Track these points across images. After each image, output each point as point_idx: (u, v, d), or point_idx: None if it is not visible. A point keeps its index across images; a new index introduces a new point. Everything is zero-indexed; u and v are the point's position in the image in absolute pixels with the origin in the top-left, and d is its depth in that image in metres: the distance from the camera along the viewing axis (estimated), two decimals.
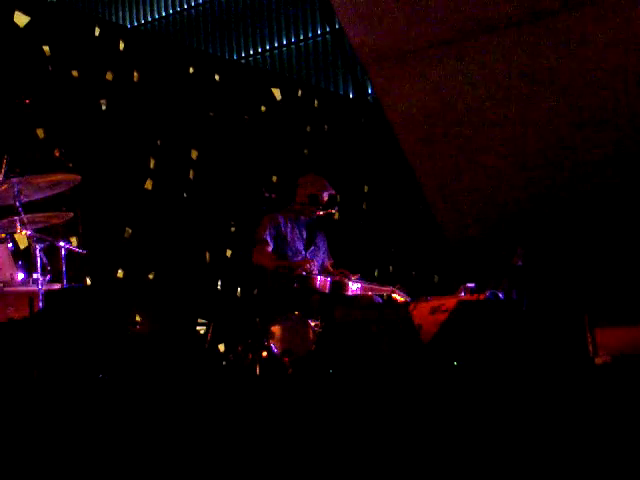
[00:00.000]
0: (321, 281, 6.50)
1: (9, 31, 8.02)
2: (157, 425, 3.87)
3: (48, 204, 6.24)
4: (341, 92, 25.89)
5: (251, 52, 31.05)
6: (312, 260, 6.66)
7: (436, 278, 12.60)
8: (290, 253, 6.81)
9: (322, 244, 7.11)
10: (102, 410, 4.07)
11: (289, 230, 6.86)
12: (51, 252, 6.03)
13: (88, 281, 8.07)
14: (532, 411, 3.74)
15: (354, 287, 6.66)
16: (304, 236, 6.96)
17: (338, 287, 6.58)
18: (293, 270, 6.50)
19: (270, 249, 6.75)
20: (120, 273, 8.69)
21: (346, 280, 6.65)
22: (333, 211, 7.06)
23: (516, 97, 5.69)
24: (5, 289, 5.86)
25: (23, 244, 7.00)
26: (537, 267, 6.16)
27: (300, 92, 11.83)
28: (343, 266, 7.09)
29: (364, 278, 6.96)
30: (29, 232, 5.77)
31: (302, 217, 6.99)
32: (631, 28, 5.25)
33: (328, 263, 7.12)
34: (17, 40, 8.05)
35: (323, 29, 28.67)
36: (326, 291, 6.49)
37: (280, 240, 6.81)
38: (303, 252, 6.89)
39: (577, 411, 3.70)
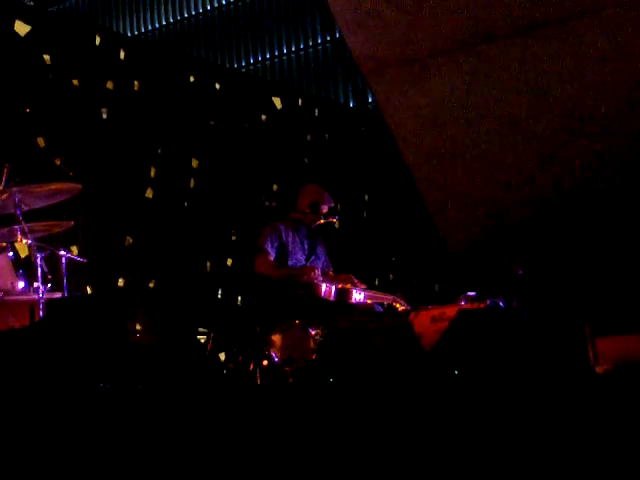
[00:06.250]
0: (327, 289, 6.50)
1: (10, 40, 8.04)
2: (158, 434, 3.87)
3: (49, 213, 6.24)
4: (341, 101, 25.94)
5: (252, 61, 31.10)
6: (316, 268, 6.67)
7: (437, 287, 12.61)
8: (291, 262, 6.82)
9: (322, 253, 7.12)
10: (102, 419, 4.06)
11: (290, 239, 6.87)
12: (52, 261, 6.04)
13: (89, 290, 8.08)
14: (533, 420, 3.73)
15: (358, 296, 6.67)
16: (305, 246, 6.97)
17: (343, 295, 6.59)
18: (298, 277, 6.51)
19: (272, 258, 6.75)
20: (121, 282, 8.69)
21: (351, 288, 6.66)
22: (334, 220, 7.08)
23: (517, 106, 5.69)
24: (6, 298, 5.86)
25: (24, 253, 7.01)
26: (538, 276, 6.16)
27: (300, 101, 11.84)
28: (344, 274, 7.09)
29: (369, 288, 6.97)
30: (30, 241, 5.77)
31: (303, 226, 6.99)
32: (630, 38, 5.25)
33: (328, 271, 7.12)
34: (18, 49, 8.07)
35: (323, 38, 28.73)
36: (331, 299, 6.50)
37: (281, 249, 6.81)
38: (303, 262, 6.89)
39: (578, 420, 3.70)
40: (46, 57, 8.31)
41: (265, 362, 5.95)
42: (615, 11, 5.22)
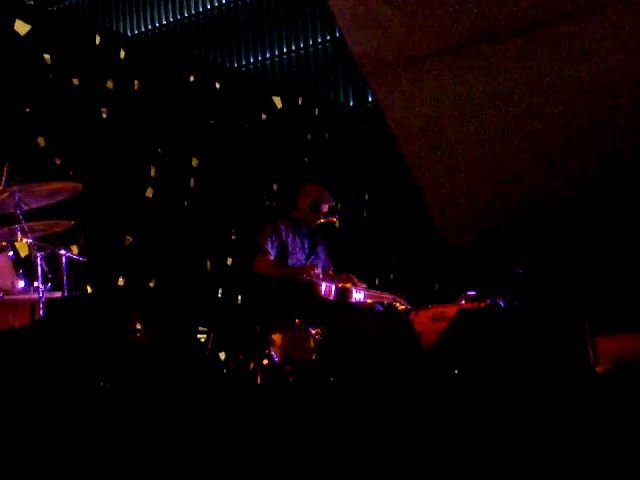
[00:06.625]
0: (327, 288, 6.49)
1: (10, 39, 8.03)
2: (158, 433, 3.87)
3: (49, 212, 6.24)
4: (341, 100, 25.90)
5: (252, 60, 31.07)
6: (316, 266, 6.66)
7: (437, 286, 12.60)
8: (291, 262, 6.81)
9: (322, 253, 7.11)
10: (103, 418, 4.06)
11: (290, 239, 6.86)
12: (52, 260, 6.03)
13: (89, 289, 8.07)
14: (533, 420, 3.74)
15: (358, 295, 6.66)
16: (305, 245, 6.96)
17: (343, 294, 6.57)
18: (298, 276, 6.50)
19: (271, 258, 6.74)
20: (121, 281, 8.69)
21: (351, 287, 6.65)
22: (334, 219, 7.07)
23: (516, 106, 5.70)
24: (6, 297, 5.85)
25: (24, 252, 7.00)
26: (538, 275, 6.16)
27: (300, 100, 11.84)
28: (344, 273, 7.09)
29: (370, 287, 6.96)
30: (30, 240, 5.77)
31: (303, 226, 6.99)
32: (631, 37, 5.26)
33: (328, 271, 7.11)
34: (18, 48, 8.07)
35: (324, 37, 28.69)
36: (331, 298, 6.49)
37: (281, 249, 6.80)
38: (304, 261, 6.88)
39: (578, 419, 3.70)
40: (46, 56, 8.31)
41: (265, 361, 5.95)
42: (615, 11, 5.23)
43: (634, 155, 5.54)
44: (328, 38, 27.26)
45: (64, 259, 6.01)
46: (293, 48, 30.27)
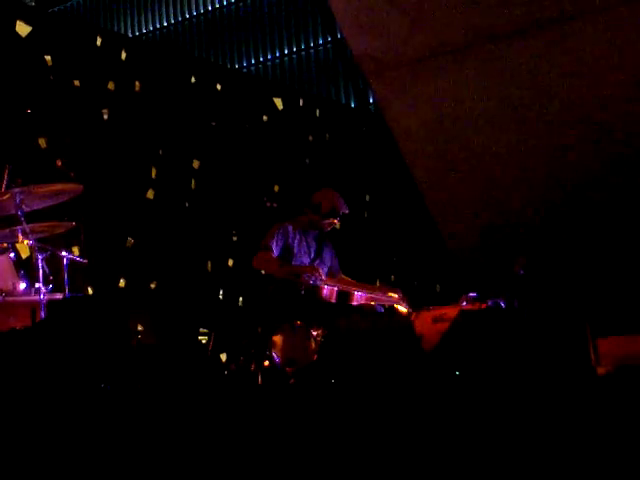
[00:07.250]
0: (328, 290, 6.48)
1: (11, 41, 8.04)
2: (159, 434, 3.87)
3: (50, 214, 6.24)
4: (343, 101, 25.92)
5: (253, 61, 31.09)
6: (318, 268, 6.64)
7: (438, 287, 12.59)
8: (294, 264, 6.79)
9: (328, 257, 7.06)
10: (105, 420, 4.06)
11: (296, 242, 6.83)
12: (53, 262, 6.03)
13: (90, 291, 8.07)
14: (534, 421, 3.73)
15: (359, 297, 6.65)
16: (311, 249, 6.93)
17: (344, 297, 6.56)
18: (299, 274, 6.47)
19: (273, 256, 6.71)
20: (122, 283, 8.69)
21: (352, 289, 6.64)
22: (334, 221, 7.05)
23: (517, 107, 5.69)
24: (7, 299, 5.86)
25: (25, 254, 7.00)
26: (539, 276, 6.16)
27: (302, 101, 11.84)
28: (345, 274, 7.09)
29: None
30: (31, 242, 5.77)
31: (311, 230, 6.95)
32: (630, 37, 5.26)
33: (337, 275, 7.07)
34: (19, 50, 8.07)
35: (325, 39, 28.72)
36: (332, 300, 6.48)
37: (286, 250, 6.77)
38: (308, 264, 6.86)
39: (579, 421, 3.70)
40: (47, 58, 8.31)
41: (266, 363, 5.95)
42: (615, 11, 5.23)
43: (635, 157, 5.54)
44: (329, 39, 27.28)
45: (65, 260, 6.02)
46: (294, 49, 30.29)
